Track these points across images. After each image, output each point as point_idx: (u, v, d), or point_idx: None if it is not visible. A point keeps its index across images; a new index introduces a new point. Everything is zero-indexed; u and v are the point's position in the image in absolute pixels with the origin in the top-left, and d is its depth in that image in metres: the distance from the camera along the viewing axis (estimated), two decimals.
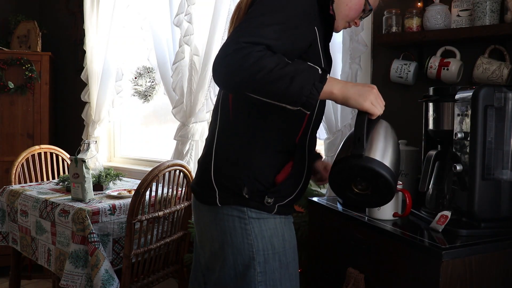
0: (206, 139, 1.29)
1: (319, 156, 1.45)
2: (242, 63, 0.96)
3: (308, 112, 1.03)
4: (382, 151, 1.09)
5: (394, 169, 1.09)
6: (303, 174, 1.23)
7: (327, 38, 1.22)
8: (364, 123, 1.06)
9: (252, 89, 0.98)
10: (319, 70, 1.01)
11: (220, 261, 1.21)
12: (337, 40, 2.12)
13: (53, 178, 3.01)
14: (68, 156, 2.89)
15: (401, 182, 1.43)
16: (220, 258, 1.21)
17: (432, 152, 1.42)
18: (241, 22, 1.04)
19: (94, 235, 1.94)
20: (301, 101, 0.99)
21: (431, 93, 1.45)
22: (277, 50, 1.00)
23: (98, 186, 2.40)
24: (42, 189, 2.45)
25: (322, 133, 2.20)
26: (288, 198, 1.21)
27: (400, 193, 1.41)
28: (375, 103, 1.06)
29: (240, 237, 1.17)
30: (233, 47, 0.97)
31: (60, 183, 2.53)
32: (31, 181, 2.84)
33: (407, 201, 1.34)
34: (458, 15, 1.73)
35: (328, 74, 1.04)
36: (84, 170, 2.13)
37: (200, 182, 1.25)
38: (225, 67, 0.98)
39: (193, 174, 2.33)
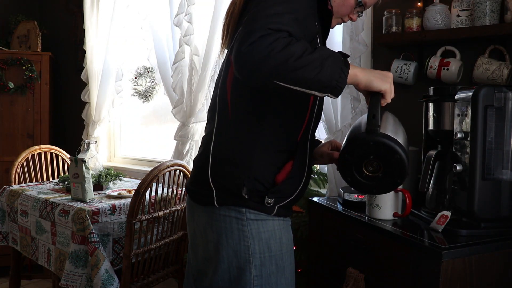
0: (203, 138, 1.25)
1: (318, 142, 1.41)
2: (271, 50, 0.92)
3: (336, 98, 1.02)
4: (394, 131, 1.08)
5: (407, 149, 1.08)
6: (303, 173, 1.20)
7: (325, 35, 1.22)
8: (379, 102, 1.06)
9: (282, 76, 0.95)
10: (340, 55, 1.01)
11: (213, 265, 1.17)
12: (337, 40, 2.11)
13: (53, 178, 3.00)
14: (68, 156, 2.89)
15: None
16: (213, 261, 1.17)
17: (432, 152, 1.42)
18: (252, 13, 1.01)
19: (94, 235, 1.94)
20: (331, 86, 0.97)
21: (431, 93, 1.45)
22: (296, 38, 0.98)
23: (98, 186, 2.39)
24: (42, 189, 2.45)
25: (322, 133, 2.19)
26: (289, 198, 1.18)
27: (400, 193, 1.41)
28: (391, 88, 1.08)
29: (236, 238, 1.14)
30: (258, 33, 0.94)
31: (60, 183, 2.53)
32: (31, 181, 2.84)
33: (407, 201, 1.34)
34: (458, 15, 1.73)
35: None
36: (84, 170, 2.13)
37: (196, 182, 1.22)
38: (254, 54, 0.93)
39: None
